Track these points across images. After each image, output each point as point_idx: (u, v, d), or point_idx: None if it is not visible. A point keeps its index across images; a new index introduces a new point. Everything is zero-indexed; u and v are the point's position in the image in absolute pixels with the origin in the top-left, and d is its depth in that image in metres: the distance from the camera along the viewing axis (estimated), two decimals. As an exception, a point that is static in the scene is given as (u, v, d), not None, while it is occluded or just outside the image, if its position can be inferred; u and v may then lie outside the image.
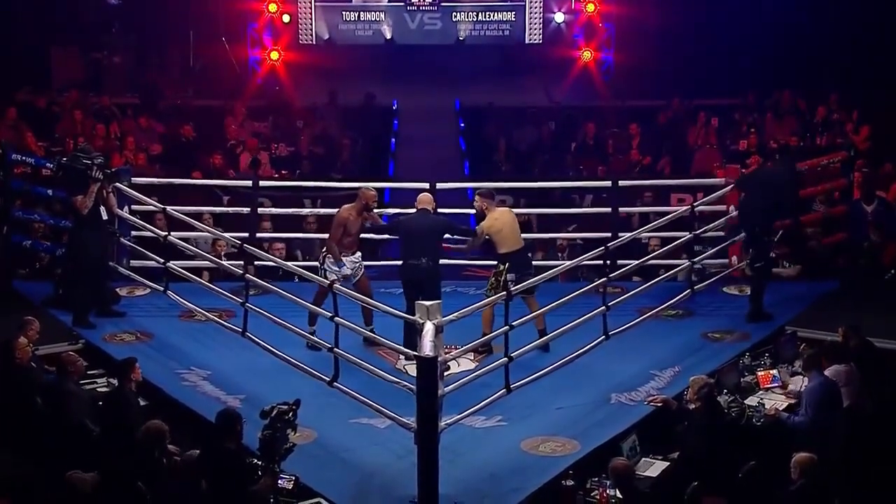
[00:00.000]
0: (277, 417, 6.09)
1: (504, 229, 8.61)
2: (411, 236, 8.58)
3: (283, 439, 6.11)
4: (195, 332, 9.07)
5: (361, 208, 8.71)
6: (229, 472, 6.14)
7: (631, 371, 8.28)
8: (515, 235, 8.65)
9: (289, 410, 6.15)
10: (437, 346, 6.60)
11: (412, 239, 8.57)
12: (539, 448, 7.25)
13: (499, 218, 8.68)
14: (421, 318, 6.69)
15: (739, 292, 9.94)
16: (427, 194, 8.92)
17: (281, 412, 6.11)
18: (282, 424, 6.08)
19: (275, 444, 6.04)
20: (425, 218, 8.69)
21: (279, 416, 6.10)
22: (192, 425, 7.36)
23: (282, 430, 6.09)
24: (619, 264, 9.09)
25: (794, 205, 9.87)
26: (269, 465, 6.05)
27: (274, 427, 6.07)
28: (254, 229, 10.35)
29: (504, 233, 8.60)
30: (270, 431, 6.05)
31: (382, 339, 7.66)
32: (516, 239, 8.64)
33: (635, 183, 11.40)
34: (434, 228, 8.62)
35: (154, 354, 8.62)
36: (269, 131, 14.78)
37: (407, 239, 8.62)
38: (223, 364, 8.45)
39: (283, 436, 6.10)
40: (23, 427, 6.97)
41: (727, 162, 12.11)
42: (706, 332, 9.06)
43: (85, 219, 9.01)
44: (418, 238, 8.53)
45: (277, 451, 6.06)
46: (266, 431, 6.06)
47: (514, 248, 8.58)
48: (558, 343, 7.69)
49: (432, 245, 8.55)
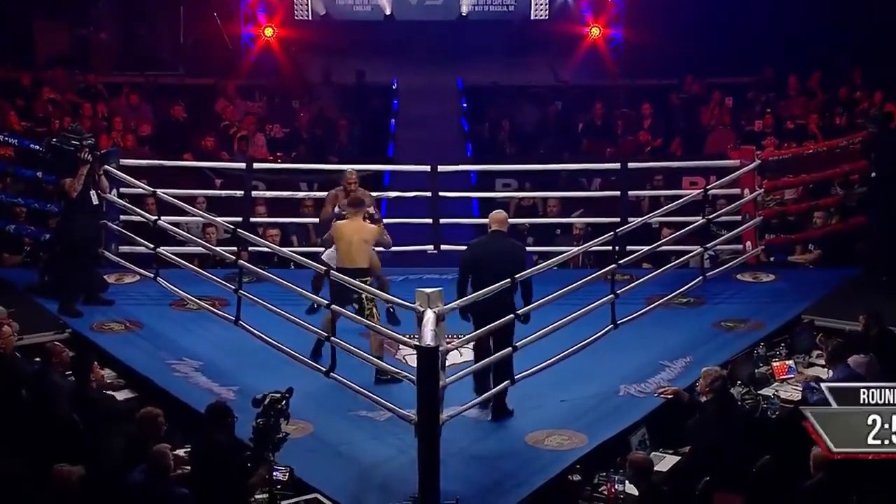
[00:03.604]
0: (270, 406, 6.13)
1: (339, 243, 8.14)
2: (482, 268, 7.49)
3: (277, 428, 6.15)
4: (186, 321, 9.08)
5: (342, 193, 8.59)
6: (221, 466, 6.16)
7: (640, 361, 8.28)
8: (347, 253, 8.06)
9: (281, 399, 6.19)
10: (439, 335, 6.60)
11: (484, 273, 7.42)
12: (544, 442, 7.26)
13: (339, 229, 8.19)
14: (421, 306, 6.69)
15: (754, 279, 9.95)
16: (501, 212, 7.90)
17: (273, 400, 6.16)
18: (275, 413, 6.13)
19: (268, 433, 6.07)
20: (501, 242, 7.71)
21: (272, 404, 6.14)
22: (184, 418, 7.36)
23: (275, 419, 6.12)
24: (629, 250, 9.07)
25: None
26: (262, 454, 6.08)
27: (267, 416, 6.11)
28: (247, 214, 10.33)
29: (338, 246, 8.15)
30: (264, 420, 6.09)
31: (381, 328, 7.66)
32: (348, 257, 8.05)
33: (645, 165, 11.37)
34: (514, 258, 7.56)
35: (144, 344, 8.63)
36: (263, 112, 14.75)
37: (475, 270, 7.54)
38: (216, 354, 8.47)
39: (276, 425, 6.14)
40: (6, 419, 6.98)
41: (742, 143, 12.09)
42: (719, 321, 9.06)
43: (74, 203, 9.00)
44: (492, 273, 7.33)
45: (271, 440, 6.10)
46: (259, 420, 6.10)
47: (343, 264, 8.04)
48: (565, 332, 7.68)
49: (505, 272, 7.34)
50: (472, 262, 7.63)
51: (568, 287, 7.76)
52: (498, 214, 7.84)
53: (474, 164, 12.53)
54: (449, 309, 6.89)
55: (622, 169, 10.67)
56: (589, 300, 8.02)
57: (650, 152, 13.33)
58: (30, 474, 6.34)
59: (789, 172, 10.75)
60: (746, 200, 10.08)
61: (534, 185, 11.74)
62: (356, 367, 7.59)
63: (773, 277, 10.00)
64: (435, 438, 6.51)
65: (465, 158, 13.70)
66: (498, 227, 7.76)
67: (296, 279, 8.32)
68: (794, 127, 13.45)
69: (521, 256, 7.72)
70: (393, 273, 9.49)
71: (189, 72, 16.18)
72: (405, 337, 7.57)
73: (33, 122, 13.24)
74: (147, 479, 6.06)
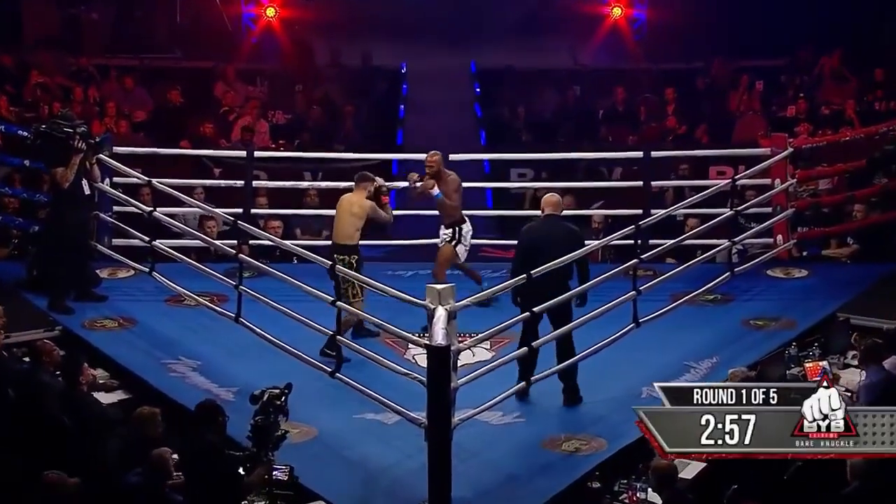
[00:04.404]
0: (269, 402, 6.18)
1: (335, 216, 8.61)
2: (539, 253, 7.53)
3: (276, 426, 6.18)
4: (184, 318, 9.11)
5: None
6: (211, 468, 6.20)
7: (664, 362, 8.28)
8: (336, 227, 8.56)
9: (280, 395, 6.25)
10: (450, 333, 6.62)
11: (540, 256, 7.48)
12: (561, 446, 7.28)
13: (339, 202, 8.65)
14: (432, 303, 6.70)
15: (785, 275, 9.95)
16: (555, 195, 8.00)
17: (272, 396, 6.21)
18: (273, 410, 6.17)
19: (267, 431, 6.12)
20: (557, 226, 7.82)
21: (270, 400, 6.19)
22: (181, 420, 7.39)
23: (274, 416, 6.17)
24: (651, 244, 9.08)
25: None
26: (261, 452, 6.11)
27: (266, 413, 6.15)
28: (248, 205, 10.37)
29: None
30: (262, 417, 6.14)
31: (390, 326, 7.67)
32: (336, 232, 8.55)
33: (670, 154, 11.38)
34: (572, 242, 7.67)
35: (138, 342, 8.67)
36: (265, 97, 14.77)
37: (531, 256, 7.56)
38: (214, 353, 8.51)
39: (275, 422, 6.18)
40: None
41: (773, 130, 12.05)
42: (747, 319, 9.06)
43: (65, 193, 9.03)
44: (548, 256, 7.43)
45: (270, 438, 6.14)
46: (257, 418, 6.15)
47: (333, 239, 8.55)
48: (584, 332, 7.70)
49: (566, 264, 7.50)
50: (529, 248, 7.68)
51: (587, 283, 7.76)
52: (551, 197, 7.94)
53: (488, 153, 12.53)
54: (461, 306, 6.91)
55: (645, 158, 10.67)
56: (609, 297, 8.04)
57: (674, 140, 13.31)
58: (18, 479, 6.37)
59: (824, 161, 10.74)
60: (777, 191, 10.06)
61: (551, 175, 11.74)
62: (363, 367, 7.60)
63: (806, 273, 10.00)
64: (446, 443, 6.53)
65: (478, 146, 13.71)
66: (552, 210, 7.86)
67: (299, 274, 8.34)
68: (830, 113, 13.41)
69: (580, 240, 7.82)
70: (402, 267, 9.51)
71: (186, 54, 16.19)
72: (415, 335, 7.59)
73: (21, 107, 13.29)
74: (144, 481, 6.09)
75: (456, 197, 9.02)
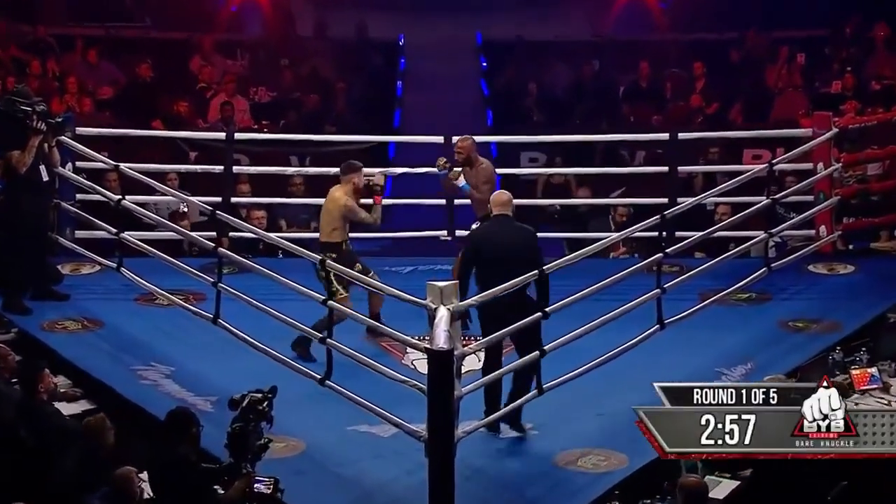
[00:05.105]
0: (249, 408, 6.20)
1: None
2: (489, 262, 7.44)
3: (257, 434, 6.22)
4: (156, 319, 9.18)
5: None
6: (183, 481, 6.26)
7: (691, 368, 8.31)
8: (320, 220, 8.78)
9: (263, 399, 6.26)
10: (454, 336, 6.66)
11: (492, 267, 7.40)
12: (578, 462, 7.33)
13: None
14: (433, 303, 6.74)
15: (829, 271, 10.00)
16: (505, 193, 7.90)
17: (253, 401, 6.23)
18: (255, 416, 6.20)
19: (247, 439, 6.15)
20: (509, 227, 7.69)
21: (251, 406, 6.21)
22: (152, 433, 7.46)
23: (255, 423, 6.20)
24: (678, 237, 9.13)
25: None
26: (240, 464, 6.15)
27: (246, 419, 6.18)
28: (228, 193, 10.42)
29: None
30: (241, 424, 6.16)
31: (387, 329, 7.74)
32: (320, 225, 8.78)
33: (699, 135, 11.40)
34: (526, 247, 7.57)
35: (104, 346, 8.73)
36: (246, 72, 14.82)
37: (482, 267, 7.48)
38: (190, 358, 8.56)
39: (256, 430, 6.21)
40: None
41: (815, 108, 12.09)
42: (786, 321, 9.12)
43: (21, 179, 9.08)
44: (503, 266, 7.33)
45: (250, 447, 6.17)
46: (236, 425, 6.17)
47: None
48: (601, 334, 7.74)
49: (521, 269, 7.31)
50: (475, 254, 7.56)
51: (605, 280, 7.81)
52: (500, 196, 7.79)
53: (495, 135, 12.58)
54: (466, 306, 6.96)
55: (671, 140, 10.70)
56: (631, 296, 8.07)
57: (704, 120, 13.37)
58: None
59: (873, 143, 10.76)
60: (820, 177, 10.08)
61: (566, 160, 11.79)
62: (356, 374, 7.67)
63: (852, 269, 10.05)
64: (448, 458, 6.56)
65: (484, 128, 13.77)
66: (501, 209, 7.68)
67: (285, 270, 8.38)
68: (881, 88, 13.44)
69: (534, 244, 7.69)
70: (400, 263, 9.57)
71: (157, 23, 16.23)
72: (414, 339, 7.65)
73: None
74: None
75: (486, 189, 8.81)
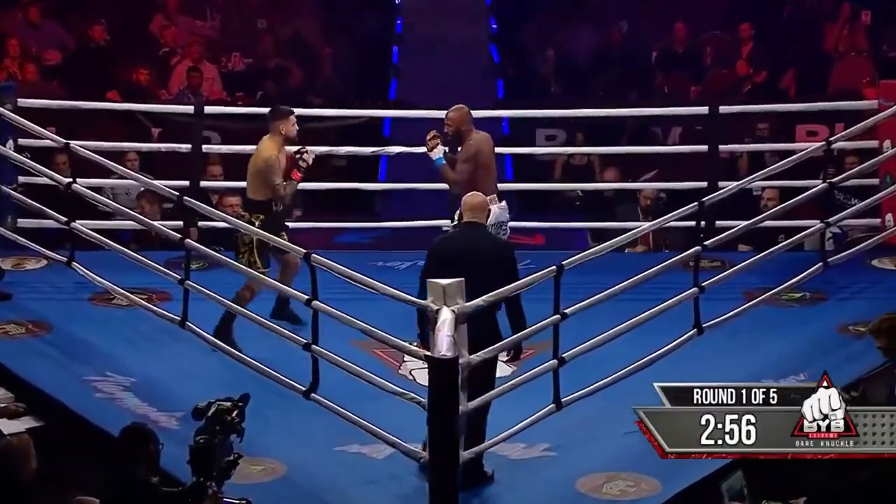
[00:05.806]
0: (216, 418, 6.14)
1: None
2: (454, 269, 7.05)
3: (225, 449, 6.17)
4: (113, 323, 9.18)
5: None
6: None
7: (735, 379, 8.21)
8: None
9: (233, 408, 6.20)
10: (458, 342, 6.64)
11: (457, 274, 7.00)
12: (603, 489, 7.32)
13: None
14: (435, 303, 6.73)
15: (895, 267, 9.96)
16: (478, 195, 7.68)
17: (221, 410, 6.17)
18: (222, 428, 6.14)
19: (213, 454, 6.09)
20: (480, 238, 7.51)
21: (218, 416, 6.15)
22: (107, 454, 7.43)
23: (223, 436, 6.15)
24: (719, 227, 9.10)
25: None
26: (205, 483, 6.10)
27: (212, 431, 6.12)
28: (197, 176, 10.42)
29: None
30: (207, 437, 6.10)
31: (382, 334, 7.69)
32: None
33: (744, 108, 11.40)
34: (498, 260, 7.37)
35: (53, 353, 8.73)
36: (217, 34, 14.80)
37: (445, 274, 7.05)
38: (153, 368, 8.55)
39: (224, 444, 6.16)
40: None
41: (882, 77, 12.06)
42: (845, 324, 9.11)
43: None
44: (470, 282, 6.97)
45: (217, 464, 6.12)
46: (200, 437, 6.11)
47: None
48: (629, 340, 7.72)
49: (489, 284, 7.10)
50: (438, 267, 7.26)
51: (634, 278, 7.80)
52: (473, 198, 7.56)
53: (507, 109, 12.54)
54: (472, 307, 6.92)
55: (711, 114, 10.68)
56: (664, 296, 8.08)
57: (751, 91, 13.33)
58: None
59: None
60: (887, 157, 10.09)
61: (588, 138, 11.76)
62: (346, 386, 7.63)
63: (923, 264, 10.08)
64: (452, 482, 6.57)
65: (494, 99, 13.75)
66: (472, 215, 7.49)
67: (262, 265, 8.41)
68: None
69: (509, 256, 7.47)
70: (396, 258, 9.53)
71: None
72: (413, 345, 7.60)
73: None
74: None
75: (464, 169, 8.72)
